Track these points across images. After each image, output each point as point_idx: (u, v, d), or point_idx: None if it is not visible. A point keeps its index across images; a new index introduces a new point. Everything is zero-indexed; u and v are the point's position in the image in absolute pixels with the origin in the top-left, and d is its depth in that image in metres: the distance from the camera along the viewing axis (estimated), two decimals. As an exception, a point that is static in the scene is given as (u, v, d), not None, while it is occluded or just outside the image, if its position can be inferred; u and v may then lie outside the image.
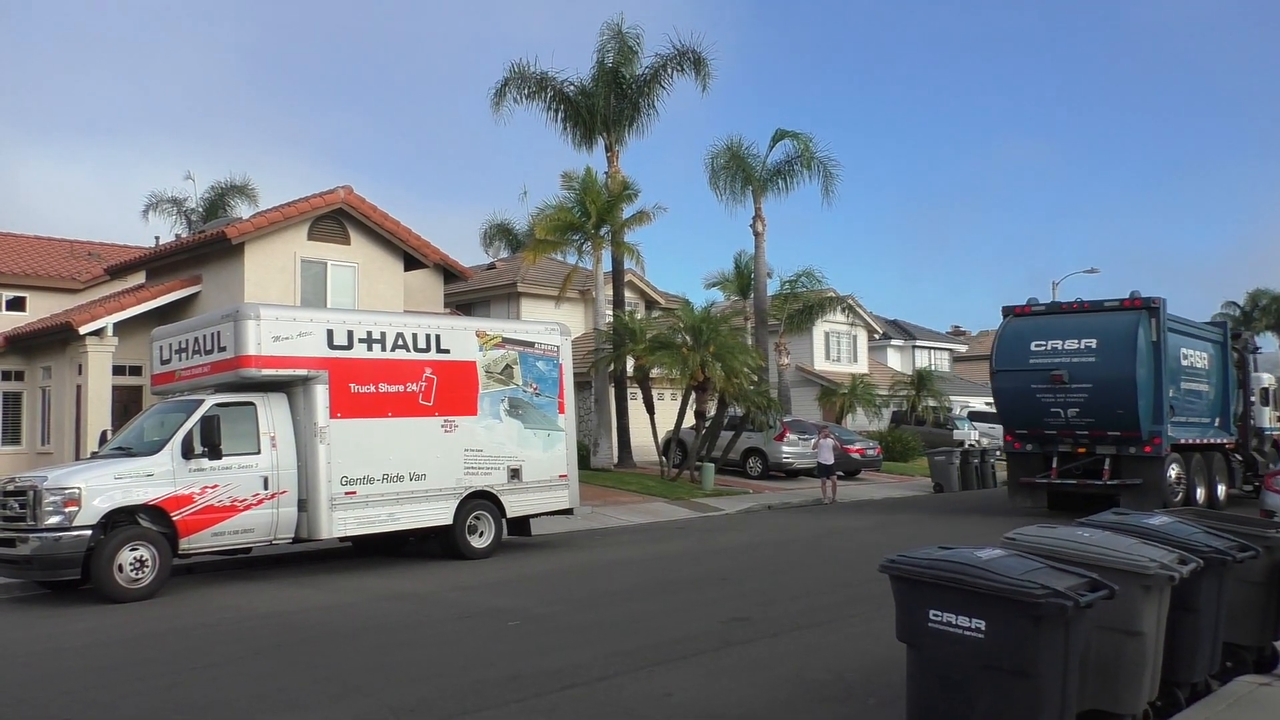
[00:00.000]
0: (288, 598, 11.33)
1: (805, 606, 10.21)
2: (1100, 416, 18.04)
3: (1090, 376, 18.00)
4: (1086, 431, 18.34)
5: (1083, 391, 18.05)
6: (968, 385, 51.76)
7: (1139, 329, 17.93)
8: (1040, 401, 18.49)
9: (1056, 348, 18.37)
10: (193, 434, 11.92)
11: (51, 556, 11.01)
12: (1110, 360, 17.88)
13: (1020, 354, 18.80)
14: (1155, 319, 18.10)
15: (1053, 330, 18.63)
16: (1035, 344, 18.64)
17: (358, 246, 23.56)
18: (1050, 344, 18.46)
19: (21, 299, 26.80)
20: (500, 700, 6.76)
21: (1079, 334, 18.31)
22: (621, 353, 25.93)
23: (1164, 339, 18.15)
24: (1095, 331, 18.22)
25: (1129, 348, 17.82)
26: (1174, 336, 18.82)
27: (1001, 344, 19.43)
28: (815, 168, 31.05)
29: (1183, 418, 19.07)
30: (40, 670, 8.12)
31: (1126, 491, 17.84)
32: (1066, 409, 18.27)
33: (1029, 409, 18.74)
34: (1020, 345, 18.86)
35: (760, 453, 28.32)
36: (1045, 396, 18.40)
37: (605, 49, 27.81)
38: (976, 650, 4.87)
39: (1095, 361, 18.00)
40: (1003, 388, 19.41)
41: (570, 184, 28.45)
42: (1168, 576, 5.43)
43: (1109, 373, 17.83)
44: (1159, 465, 17.98)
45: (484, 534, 14.39)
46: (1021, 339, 18.91)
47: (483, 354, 14.61)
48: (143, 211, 38.88)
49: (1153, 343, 18.05)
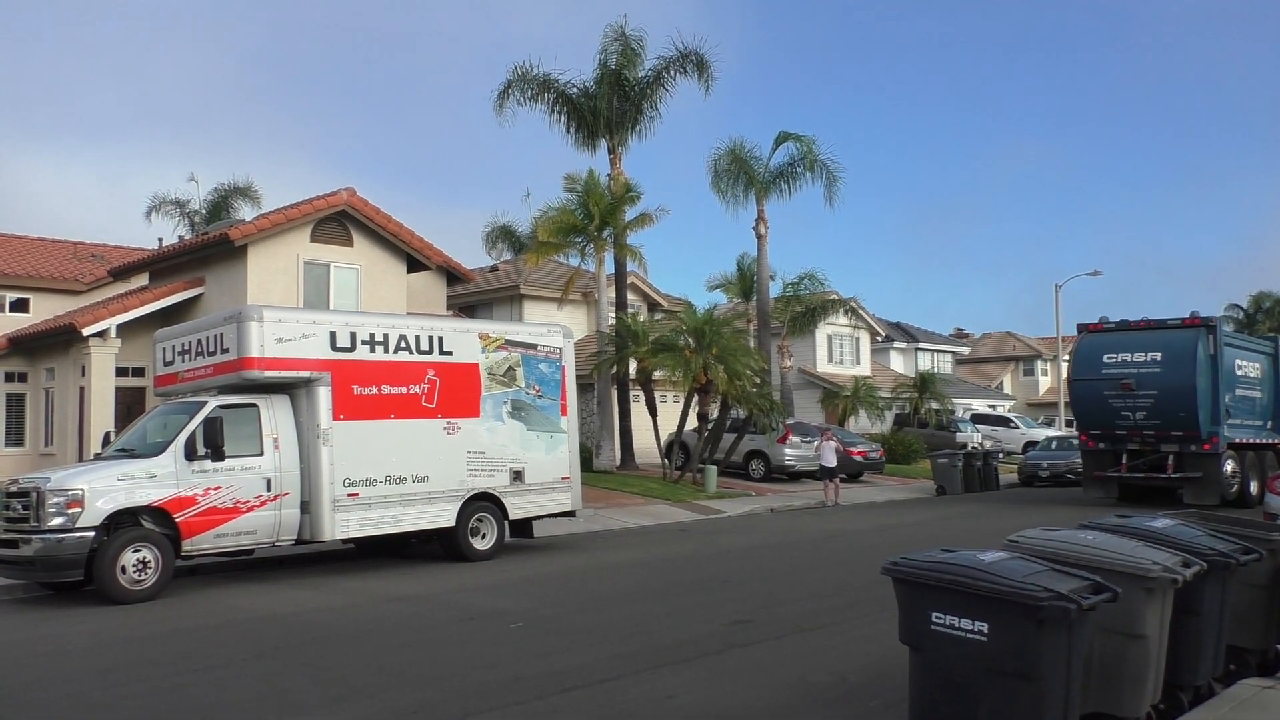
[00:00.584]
0: (290, 599, 11.33)
1: (808, 609, 10.21)
2: (1164, 419, 20.59)
3: (1156, 384, 20.63)
4: (1152, 432, 20.88)
5: (1149, 397, 20.69)
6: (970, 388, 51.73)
7: (1198, 344, 20.51)
8: (1111, 406, 21.13)
9: (1126, 360, 21.09)
10: (196, 435, 11.93)
11: (55, 558, 11.02)
12: (1173, 371, 20.48)
13: (1094, 365, 21.52)
14: (1213, 335, 20.74)
15: (1122, 345, 21.31)
16: (1107, 356, 21.34)
17: (360, 248, 23.59)
18: (1120, 356, 21.18)
19: (25, 300, 26.85)
20: (502, 702, 6.76)
21: (1145, 348, 21.00)
22: (624, 355, 25.93)
23: (1220, 352, 20.76)
24: (1160, 346, 20.87)
25: (1190, 360, 20.39)
26: (1229, 350, 21.52)
27: (1078, 356, 22.34)
28: (818, 170, 31.08)
29: (1237, 420, 21.61)
30: (43, 671, 8.13)
31: (1188, 484, 20.54)
32: (1135, 412, 20.92)
33: (1101, 412, 21.36)
34: (1094, 357, 21.61)
35: (763, 455, 28.31)
36: (1116, 401, 21.06)
37: (608, 51, 27.85)
38: (979, 653, 4.87)
39: (1160, 372, 20.62)
40: (1079, 394, 22.03)
41: (573, 186, 28.47)
42: (1171, 579, 5.42)
43: (1172, 382, 20.44)
44: (1217, 461, 20.52)
45: (486, 536, 14.39)
46: (1095, 352, 21.64)
47: (485, 356, 14.62)
48: (146, 213, 38.97)
49: (1210, 356, 20.62)
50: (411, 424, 13.68)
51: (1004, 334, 63.61)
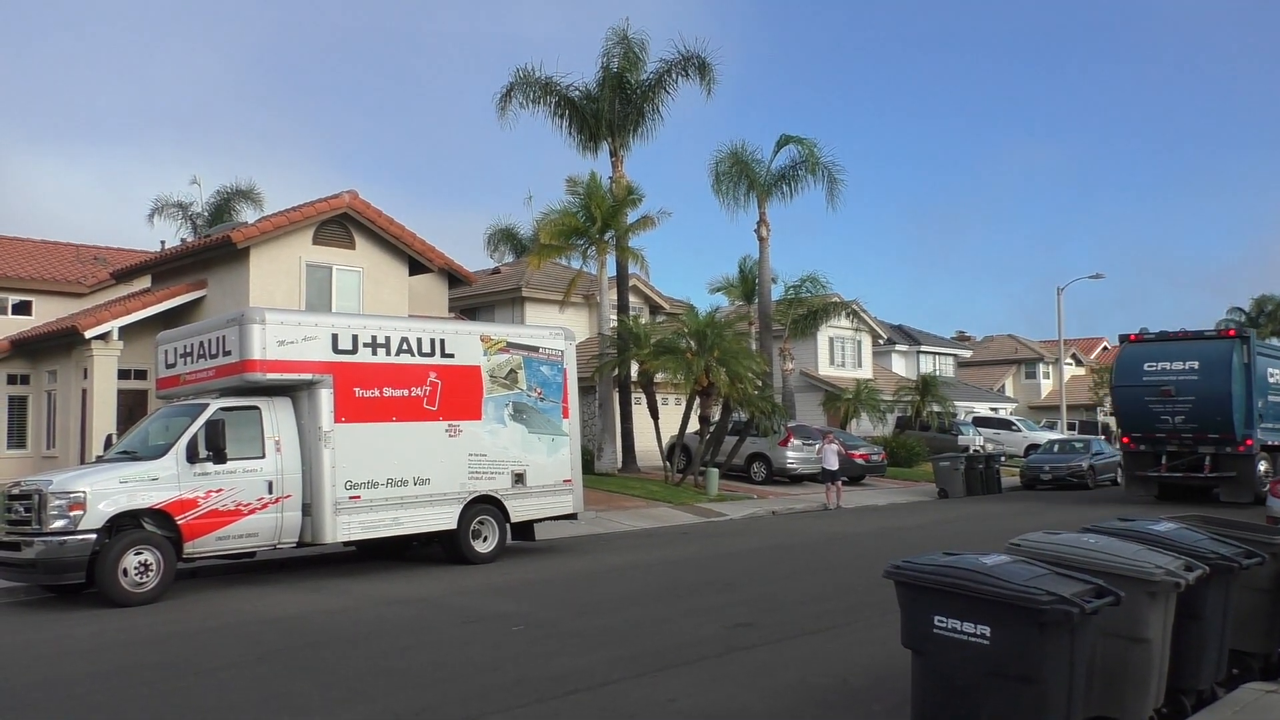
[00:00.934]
0: (292, 602, 11.33)
1: (809, 612, 10.20)
2: (1201, 422, 22.44)
3: (1193, 391, 22.46)
4: (1190, 434, 22.69)
5: (1187, 403, 22.51)
6: (972, 390, 51.67)
7: (1233, 354, 22.43)
8: (1152, 410, 23.01)
9: (1165, 368, 22.90)
10: (197, 438, 11.93)
11: (56, 560, 11.01)
12: (1210, 379, 22.29)
13: (1135, 372, 23.41)
14: (1246, 346, 22.78)
15: (1162, 354, 23.12)
16: (1148, 365, 23.16)
17: (363, 251, 23.61)
18: (1160, 365, 22.99)
19: (27, 303, 26.90)
20: (504, 705, 6.76)
21: (1183, 357, 22.80)
22: (626, 357, 25.93)
23: (1254, 361, 22.65)
24: (1197, 355, 22.68)
25: (1225, 369, 22.26)
26: (1262, 359, 23.38)
27: (1120, 364, 24.25)
28: (820, 173, 31.07)
29: (1270, 424, 23.48)
30: (45, 673, 8.13)
31: (1223, 483, 22.40)
32: (1174, 416, 22.72)
33: (1142, 416, 23.25)
34: (1135, 365, 23.48)
35: (764, 458, 28.30)
36: (1156, 406, 22.93)
37: (610, 54, 27.89)
38: (981, 656, 4.86)
39: (1198, 379, 22.42)
40: (1121, 398, 24.12)
41: (575, 189, 28.49)
42: (1173, 583, 5.41)
43: (1209, 389, 22.25)
44: (1250, 461, 22.32)
45: (488, 539, 14.38)
46: (1136, 360, 23.51)
47: (487, 359, 14.62)
48: (148, 216, 39.07)
49: (1244, 364, 22.47)
50: (413, 426, 13.67)
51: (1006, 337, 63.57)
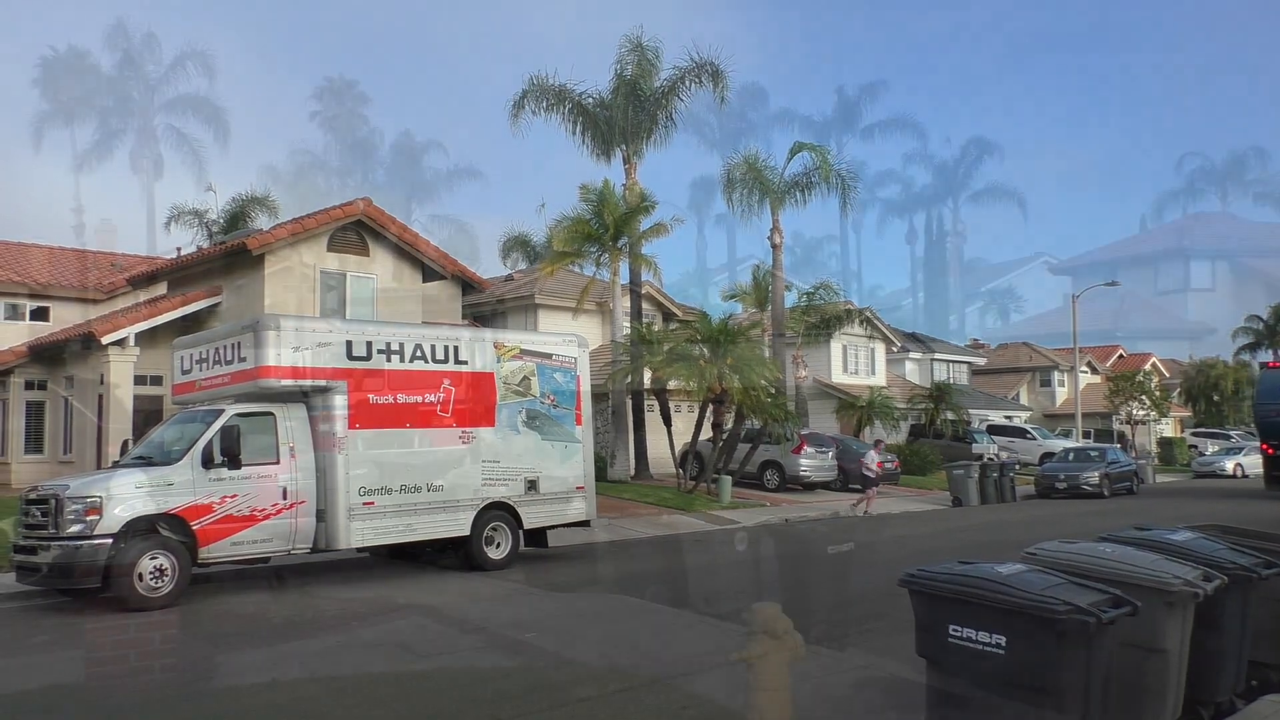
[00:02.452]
0: (305, 608, 11.36)
1: (823, 621, 10.15)
2: None
3: None
4: None
5: None
6: (986, 398, 51.40)
7: None
8: None
9: None
10: (213, 444, 11.98)
11: (72, 564, 11.05)
12: None
13: (1276, 392, 28.07)
14: None
15: None
16: None
17: (377, 258, 23.70)
18: None
19: (45, 309, 27.07)
20: (517, 713, 6.76)
21: None
22: (639, 364, 25.91)
23: None
24: None
25: None
26: None
27: (1262, 386, 29.64)
28: (833, 180, 31.02)
29: None
30: (59, 676, 8.17)
31: None
32: None
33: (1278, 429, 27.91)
34: (1276, 387, 28.17)
35: (778, 465, 28.22)
36: None
37: (624, 62, 27.92)
38: (997, 666, 4.83)
39: None
40: (1263, 415, 29.02)
41: (588, 196, 28.50)
42: (1192, 593, 5.37)
43: None
44: None
45: (501, 545, 14.38)
46: (1277, 384, 28.29)
47: (500, 365, 14.64)
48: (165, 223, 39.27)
49: None
50: (427, 433, 13.70)
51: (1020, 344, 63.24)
